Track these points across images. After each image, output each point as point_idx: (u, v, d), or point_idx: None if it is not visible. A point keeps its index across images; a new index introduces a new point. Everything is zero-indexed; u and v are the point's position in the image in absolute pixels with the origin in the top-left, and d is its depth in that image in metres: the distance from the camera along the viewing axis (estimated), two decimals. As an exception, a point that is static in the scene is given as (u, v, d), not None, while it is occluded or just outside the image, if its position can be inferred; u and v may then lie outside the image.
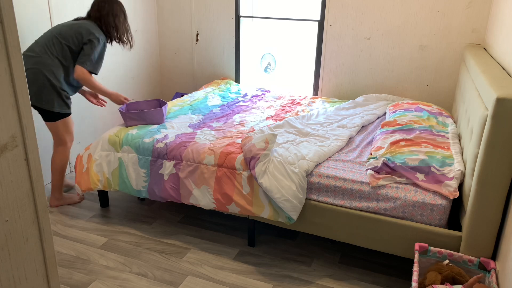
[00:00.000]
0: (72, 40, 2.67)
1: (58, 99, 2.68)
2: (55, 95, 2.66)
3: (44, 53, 2.62)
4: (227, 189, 2.40)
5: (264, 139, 2.41)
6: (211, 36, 4.14)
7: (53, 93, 2.65)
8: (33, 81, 2.59)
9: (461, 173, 2.09)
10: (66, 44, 2.66)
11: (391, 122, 2.71)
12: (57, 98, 2.68)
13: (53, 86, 2.64)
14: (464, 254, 1.98)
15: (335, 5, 3.55)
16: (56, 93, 2.66)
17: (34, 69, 2.59)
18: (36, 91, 2.61)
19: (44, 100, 2.63)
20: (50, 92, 2.64)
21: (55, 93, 2.65)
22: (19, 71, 0.93)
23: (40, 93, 2.62)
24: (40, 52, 2.62)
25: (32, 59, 2.61)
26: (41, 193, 1.04)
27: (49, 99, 2.64)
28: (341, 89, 3.77)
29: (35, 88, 2.60)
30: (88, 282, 2.24)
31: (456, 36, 3.29)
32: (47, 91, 2.63)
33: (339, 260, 2.47)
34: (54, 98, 2.66)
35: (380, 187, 2.17)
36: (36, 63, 2.60)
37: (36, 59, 2.61)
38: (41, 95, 2.62)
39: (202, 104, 3.42)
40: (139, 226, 2.76)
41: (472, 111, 2.20)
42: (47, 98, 2.64)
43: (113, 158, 2.69)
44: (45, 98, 2.63)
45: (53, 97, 2.66)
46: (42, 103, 2.63)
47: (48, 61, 2.62)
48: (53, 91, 2.65)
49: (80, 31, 2.68)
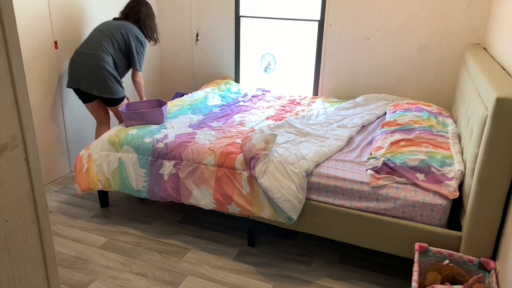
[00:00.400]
0: (121, 40, 3.06)
1: (119, 87, 3.10)
2: (117, 85, 3.08)
3: (101, 50, 2.99)
4: (227, 189, 2.40)
5: (264, 139, 2.41)
6: (211, 36, 4.14)
7: (116, 83, 3.07)
8: (97, 75, 2.98)
9: (461, 173, 2.09)
10: (117, 43, 3.05)
11: (391, 122, 2.71)
12: (119, 87, 3.10)
13: (114, 77, 3.05)
14: (464, 254, 1.98)
15: (335, 5, 3.55)
16: (117, 83, 3.09)
17: (97, 66, 2.97)
18: (101, 84, 3.00)
19: (109, 91, 3.03)
20: (114, 83, 3.06)
21: (117, 83, 3.07)
22: (19, 71, 0.93)
23: (106, 85, 3.01)
24: (96, 50, 2.99)
25: (92, 57, 2.97)
26: (41, 193, 1.04)
27: (115, 89, 3.06)
28: (341, 89, 3.77)
29: (101, 81, 2.99)
30: (88, 282, 2.24)
31: (456, 36, 3.29)
32: (111, 83, 3.03)
33: (339, 260, 2.47)
34: (118, 87, 3.09)
35: (380, 187, 2.17)
36: (97, 60, 2.97)
37: (95, 56, 2.97)
38: (107, 87, 3.02)
39: (202, 104, 3.42)
40: (139, 226, 2.76)
41: (472, 111, 2.20)
42: (114, 89, 3.05)
43: (113, 158, 2.69)
44: (110, 89, 3.03)
45: (117, 87, 3.08)
46: (108, 93, 3.03)
47: (104, 57, 3.00)
48: (116, 82, 3.07)
49: (128, 33, 3.09)
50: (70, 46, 3.30)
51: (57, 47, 3.19)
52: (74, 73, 3.01)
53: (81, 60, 2.98)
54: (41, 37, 3.05)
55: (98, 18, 3.53)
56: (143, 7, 3.19)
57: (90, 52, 2.98)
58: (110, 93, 3.04)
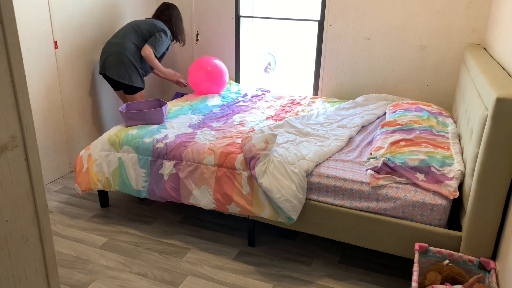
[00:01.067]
0: (146, 30, 3.31)
1: (138, 77, 3.31)
2: (136, 74, 3.29)
3: (125, 39, 3.25)
4: (227, 189, 2.40)
5: (264, 139, 2.41)
6: (211, 36, 4.14)
7: (135, 72, 3.28)
8: (119, 62, 3.22)
9: (461, 173, 2.09)
10: (141, 32, 3.30)
11: (391, 122, 2.71)
12: (138, 77, 3.31)
13: (134, 66, 3.26)
14: (464, 254, 1.98)
15: (335, 5, 3.55)
16: (137, 72, 3.30)
17: (118, 52, 3.22)
18: (121, 70, 3.23)
19: (127, 77, 3.24)
20: (133, 71, 3.27)
21: (136, 72, 3.29)
22: (19, 71, 0.93)
23: (125, 71, 3.24)
24: (121, 39, 3.25)
25: (116, 46, 3.24)
26: (41, 193, 1.04)
27: (133, 76, 3.27)
28: (341, 89, 3.77)
29: (121, 67, 3.22)
30: (88, 282, 2.24)
31: (456, 36, 3.29)
32: (130, 70, 3.25)
33: (339, 260, 2.47)
34: (136, 76, 3.29)
35: (380, 187, 2.17)
36: (120, 47, 3.22)
37: (119, 45, 3.23)
38: (125, 73, 3.24)
39: (202, 104, 3.42)
40: (139, 226, 2.76)
41: (472, 111, 2.20)
42: (130, 75, 3.26)
43: (113, 158, 2.69)
44: (128, 76, 3.25)
45: (135, 76, 3.29)
46: (125, 79, 3.24)
47: (128, 45, 3.24)
48: (135, 70, 3.28)
49: (154, 23, 3.34)
50: (70, 46, 3.30)
51: (57, 47, 3.19)
52: (102, 60, 3.30)
53: (108, 48, 3.28)
54: (41, 37, 3.04)
55: (98, 18, 3.53)
56: (173, 10, 3.49)
57: (116, 41, 3.26)
58: (127, 79, 3.24)
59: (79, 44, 3.38)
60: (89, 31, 3.46)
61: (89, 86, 3.55)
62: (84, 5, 3.38)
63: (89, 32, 3.46)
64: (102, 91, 3.69)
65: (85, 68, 3.47)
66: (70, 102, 3.39)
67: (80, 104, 3.50)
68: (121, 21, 3.78)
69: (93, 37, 3.51)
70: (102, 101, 3.72)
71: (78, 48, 3.38)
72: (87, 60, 3.48)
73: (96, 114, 3.69)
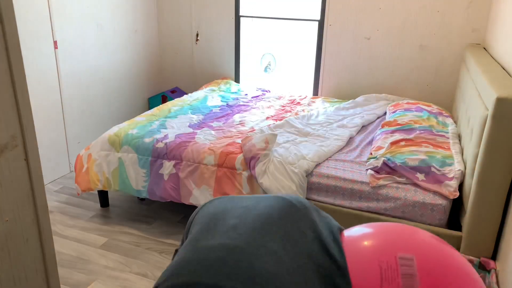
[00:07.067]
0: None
1: None
2: None
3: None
4: (227, 189, 2.40)
5: (264, 139, 2.41)
6: (211, 36, 4.14)
7: None
8: None
9: (461, 173, 2.09)
10: None
11: (391, 122, 2.71)
12: None
13: None
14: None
15: (335, 5, 3.55)
16: None
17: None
18: None
19: None
20: None
21: None
22: (19, 71, 0.93)
23: None
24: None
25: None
26: (41, 193, 1.04)
27: None
28: (341, 89, 3.77)
29: None
30: (88, 282, 2.24)
31: (456, 36, 3.29)
32: None
33: (339, 260, 2.46)
34: None
35: (380, 187, 2.17)
36: None
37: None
38: None
39: (202, 104, 3.42)
40: (139, 226, 2.76)
41: (472, 111, 2.20)
42: None
43: (113, 158, 2.69)
44: None
45: None
46: None
47: None
48: None
49: None
50: (70, 46, 3.30)
51: (57, 47, 3.19)
52: None
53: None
54: (41, 37, 3.04)
55: (99, 18, 3.53)
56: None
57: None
58: None
59: (79, 44, 3.38)
60: (89, 31, 3.46)
61: (89, 86, 3.55)
62: (84, 5, 3.37)
63: (89, 32, 3.45)
64: (102, 91, 3.69)
65: (85, 68, 3.47)
66: (70, 102, 3.39)
67: (80, 104, 3.50)
68: (121, 21, 3.78)
69: (93, 37, 3.51)
70: (102, 101, 3.72)
71: (78, 48, 3.38)
72: (87, 60, 3.48)
73: (96, 114, 3.69)
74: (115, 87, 3.86)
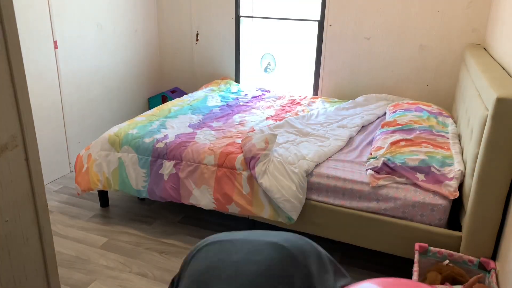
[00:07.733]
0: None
1: None
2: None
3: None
4: (227, 189, 2.40)
5: (264, 139, 2.41)
6: (211, 36, 4.14)
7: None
8: None
9: (461, 173, 2.09)
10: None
11: (391, 122, 2.71)
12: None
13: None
14: (464, 254, 1.98)
15: (335, 5, 3.55)
16: None
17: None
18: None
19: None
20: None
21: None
22: (19, 71, 0.93)
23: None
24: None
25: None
26: (41, 193, 1.04)
27: None
28: (341, 89, 3.77)
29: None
30: (88, 282, 2.24)
31: (456, 36, 3.29)
32: None
33: (339, 260, 2.46)
34: None
35: (380, 187, 2.17)
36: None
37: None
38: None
39: (202, 104, 3.42)
40: (139, 226, 2.76)
41: (472, 111, 2.20)
42: None
43: (113, 158, 2.69)
44: None
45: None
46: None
47: None
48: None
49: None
50: (70, 46, 3.30)
51: (57, 47, 3.19)
52: None
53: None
54: (41, 37, 3.04)
55: (99, 18, 3.53)
56: None
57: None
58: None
59: (79, 44, 3.38)
60: (89, 31, 3.46)
61: (89, 86, 3.55)
62: (84, 5, 3.37)
63: (89, 32, 3.45)
64: (101, 91, 3.69)
65: (85, 68, 3.47)
66: (70, 102, 3.39)
67: (80, 104, 3.49)
68: (121, 21, 3.78)
69: (93, 37, 3.50)
70: (101, 101, 3.72)
71: (78, 48, 3.38)
72: (87, 60, 3.48)
73: (96, 114, 3.69)
74: (115, 87, 3.86)
